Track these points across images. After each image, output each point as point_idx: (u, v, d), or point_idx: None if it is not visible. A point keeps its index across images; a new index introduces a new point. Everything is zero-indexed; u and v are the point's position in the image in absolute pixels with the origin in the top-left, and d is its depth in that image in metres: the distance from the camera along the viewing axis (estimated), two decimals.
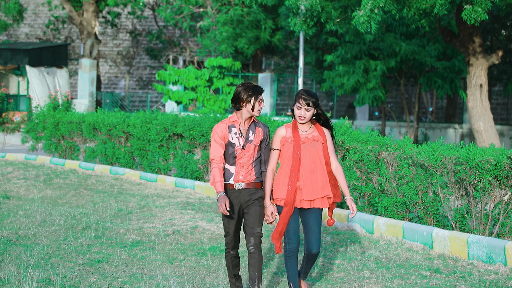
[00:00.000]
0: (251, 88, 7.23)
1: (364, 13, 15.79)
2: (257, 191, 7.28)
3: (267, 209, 7.25)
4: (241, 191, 7.23)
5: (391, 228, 10.60)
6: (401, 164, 10.92)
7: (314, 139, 7.29)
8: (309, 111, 7.22)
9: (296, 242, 7.28)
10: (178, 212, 12.45)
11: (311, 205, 7.28)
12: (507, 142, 27.24)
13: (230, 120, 7.32)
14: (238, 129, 7.27)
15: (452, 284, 8.28)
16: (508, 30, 28.87)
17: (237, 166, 7.24)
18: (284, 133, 7.32)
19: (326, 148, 7.33)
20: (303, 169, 7.25)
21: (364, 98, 24.68)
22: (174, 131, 15.97)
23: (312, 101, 7.20)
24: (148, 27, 48.47)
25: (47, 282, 7.87)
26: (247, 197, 7.22)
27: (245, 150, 7.23)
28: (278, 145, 7.32)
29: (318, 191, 7.26)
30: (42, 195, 14.17)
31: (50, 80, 31.81)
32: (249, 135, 7.28)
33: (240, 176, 7.22)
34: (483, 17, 15.40)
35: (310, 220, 7.33)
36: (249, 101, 7.21)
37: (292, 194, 7.19)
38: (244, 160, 7.23)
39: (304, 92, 7.26)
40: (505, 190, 9.73)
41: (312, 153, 7.27)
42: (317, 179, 7.27)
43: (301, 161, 7.24)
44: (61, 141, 19.66)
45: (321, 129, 7.38)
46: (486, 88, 18.32)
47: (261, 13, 30.21)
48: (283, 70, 39.46)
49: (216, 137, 7.24)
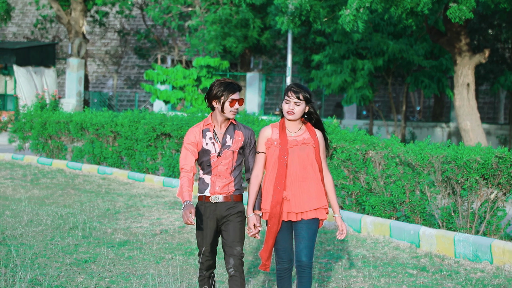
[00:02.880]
0: (223, 85, 6.29)
1: (350, 12, 15.83)
2: (237, 204, 6.36)
3: (249, 220, 6.36)
4: (217, 204, 6.32)
5: (378, 226, 10.63)
6: (388, 163, 10.95)
7: (304, 142, 6.37)
8: (299, 106, 6.31)
9: (287, 262, 6.44)
10: (165, 212, 12.44)
11: (301, 218, 6.38)
12: (493, 141, 27.34)
13: (204, 123, 6.39)
14: (213, 133, 6.34)
15: (439, 282, 8.31)
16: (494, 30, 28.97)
17: (213, 176, 6.32)
18: (270, 134, 6.41)
19: (318, 153, 6.42)
20: (291, 177, 6.34)
21: (351, 98, 24.73)
22: (162, 130, 15.96)
23: (303, 94, 6.32)
24: (136, 26, 48.39)
25: (34, 282, 7.85)
26: (224, 212, 6.32)
27: (222, 157, 6.30)
28: (264, 148, 6.41)
29: (311, 201, 6.35)
30: (29, 195, 14.13)
31: (37, 79, 31.75)
32: (226, 140, 6.33)
33: (217, 188, 6.31)
34: (468, 15, 15.46)
35: (300, 227, 6.41)
36: (219, 100, 6.29)
37: (277, 206, 6.31)
38: (221, 168, 6.31)
39: (295, 85, 6.40)
40: (492, 189, 9.77)
41: (301, 158, 6.36)
42: (310, 188, 6.37)
43: (288, 167, 6.33)
44: (49, 140, 19.61)
45: (313, 130, 6.47)
46: (473, 87, 18.38)
47: (249, 12, 30.22)
48: (272, 69, 39.47)
49: (188, 144, 6.33)
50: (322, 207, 6.41)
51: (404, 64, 25.07)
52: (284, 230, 6.41)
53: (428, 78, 25.00)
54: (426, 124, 29.52)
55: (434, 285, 8.21)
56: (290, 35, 26.62)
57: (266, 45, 32.78)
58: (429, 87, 24.83)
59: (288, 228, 6.43)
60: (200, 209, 6.38)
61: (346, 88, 24.86)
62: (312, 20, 18.14)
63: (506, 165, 9.46)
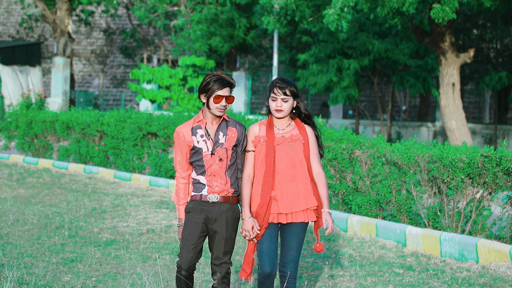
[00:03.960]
0: (213, 79, 5.94)
1: (334, 12, 15.87)
2: (233, 207, 6.06)
3: (247, 223, 5.99)
4: (215, 204, 6.00)
5: (364, 226, 10.66)
6: (374, 163, 10.98)
7: (292, 139, 6.07)
8: (286, 102, 6.02)
9: (269, 266, 6.02)
10: (152, 211, 12.43)
11: (291, 219, 6.07)
12: (479, 140, 27.45)
13: (195, 120, 6.07)
14: (204, 130, 6.02)
15: (425, 282, 8.34)
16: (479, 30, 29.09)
17: (207, 176, 6.00)
18: (257, 132, 6.11)
19: (308, 150, 6.10)
20: (279, 175, 6.04)
21: (337, 97, 24.77)
22: (148, 130, 15.94)
23: (290, 89, 6.02)
24: (122, 25, 48.29)
25: (20, 281, 7.83)
26: (219, 215, 6.00)
27: (215, 155, 5.98)
28: (252, 146, 6.13)
29: (299, 202, 6.04)
30: (15, 194, 14.08)
31: (23, 78, 31.63)
32: (219, 137, 6.01)
33: (216, 188, 6.00)
34: (451, 16, 15.53)
35: (288, 235, 6.11)
36: (206, 94, 5.97)
37: (263, 207, 5.99)
38: (215, 168, 5.98)
39: (280, 80, 6.07)
40: (478, 188, 9.81)
41: (290, 156, 6.06)
42: (298, 188, 6.05)
43: (275, 165, 6.03)
44: (34, 140, 19.55)
45: (302, 126, 6.16)
46: (458, 87, 18.45)
47: (234, 11, 30.22)
48: (258, 68, 39.50)
49: (178, 142, 6.04)
50: (311, 207, 6.08)
51: (390, 63, 25.15)
52: (270, 232, 6.06)
53: (413, 77, 25.08)
54: (412, 124, 29.62)
55: (420, 284, 8.24)
56: (276, 34, 26.67)
57: (252, 45, 32.79)
58: (415, 86, 24.92)
59: (275, 230, 6.10)
60: (195, 209, 6.04)
61: (332, 87, 24.90)
62: (297, 20, 18.18)
63: (492, 164, 9.51)
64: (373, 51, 24.00)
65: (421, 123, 29.42)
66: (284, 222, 6.06)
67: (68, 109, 32.37)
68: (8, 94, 30.58)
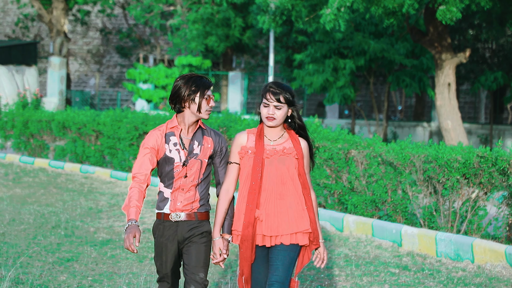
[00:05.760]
0: (194, 81, 5.28)
1: (331, 12, 15.88)
2: (202, 224, 5.37)
3: (214, 244, 5.34)
4: (179, 224, 5.34)
5: (360, 226, 10.68)
6: (370, 163, 10.99)
7: (284, 152, 5.34)
8: (280, 110, 5.28)
9: None
10: (148, 211, 12.43)
11: (275, 242, 5.32)
12: (475, 140, 27.48)
13: (168, 126, 5.37)
14: (178, 139, 5.34)
15: (421, 281, 8.36)
16: (475, 30, 29.13)
17: (174, 190, 5.32)
18: (245, 142, 5.37)
19: (302, 166, 5.38)
20: (266, 192, 5.30)
21: (333, 97, 24.79)
22: (145, 129, 15.95)
23: (285, 96, 5.29)
24: (118, 25, 48.26)
25: (16, 281, 7.83)
26: (186, 233, 5.33)
27: (187, 167, 5.31)
28: (237, 158, 5.39)
29: (288, 224, 5.29)
30: (11, 193, 14.08)
31: (19, 78, 31.62)
32: (193, 147, 5.34)
33: (178, 203, 5.32)
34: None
35: (273, 254, 5.34)
36: (193, 100, 5.26)
37: (249, 227, 5.27)
38: (185, 181, 5.31)
39: (274, 84, 5.34)
40: (473, 188, 9.83)
41: (280, 171, 5.32)
42: (287, 208, 5.31)
43: (262, 181, 5.29)
44: (31, 139, 19.54)
45: (297, 139, 5.41)
46: (454, 87, 18.48)
47: (230, 11, 30.23)
48: (254, 68, 39.50)
49: (146, 148, 5.31)
50: (302, 231, 5.33)
51: (386, 63, 25.17)
52: (258, 258, 5.38)
53: (409, 77, 25.11)
54: (407, 124, 29.64)
55: (416, 284, 8.26)
56: (272, 34, 26.69)
57: (248, 44, 32.81)
58: (411, 86, 24.94)
59: (264, 255, 5.39)
60: (158, 229, 5.42)
61: (328, 87, 24.92)
62: (294, 19, 18.19)
63: (487, 165, 9.53)
64: (368, 51, 24.02)
65: (417, 123, 29.45)
66: (268, 245, 5.34)
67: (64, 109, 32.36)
68: (4, 93, 30.56)
